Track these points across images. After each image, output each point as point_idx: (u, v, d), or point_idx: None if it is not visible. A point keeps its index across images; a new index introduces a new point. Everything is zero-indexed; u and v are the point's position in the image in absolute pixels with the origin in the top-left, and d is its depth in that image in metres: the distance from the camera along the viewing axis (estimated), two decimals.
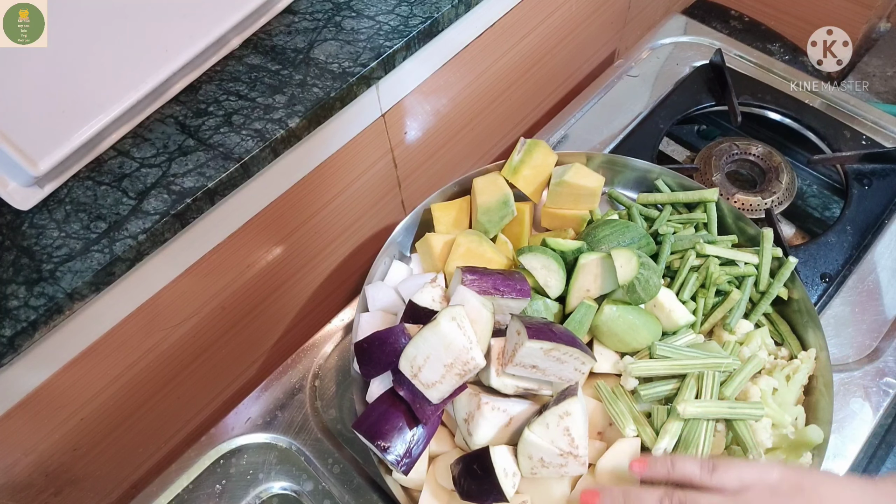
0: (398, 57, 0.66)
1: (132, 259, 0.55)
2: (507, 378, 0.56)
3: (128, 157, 0.59)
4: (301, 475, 0.67)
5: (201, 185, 0.57)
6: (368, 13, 0.68)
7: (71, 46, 0.55)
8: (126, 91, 0.57)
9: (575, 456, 0.51)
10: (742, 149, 0.85)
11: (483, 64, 0.82)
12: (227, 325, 0.72)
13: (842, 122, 0.87)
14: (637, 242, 0.66)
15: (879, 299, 0.72)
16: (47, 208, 0.56)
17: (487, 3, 0.74)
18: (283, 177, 0.66)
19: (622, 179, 0.78)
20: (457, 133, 0.87)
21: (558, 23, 0.90)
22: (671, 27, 1.00)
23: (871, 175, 0.81)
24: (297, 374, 0.72)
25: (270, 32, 0.67)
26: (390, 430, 0.54)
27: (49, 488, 0.65)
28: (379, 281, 0.69)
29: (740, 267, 0.67)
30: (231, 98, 0.62)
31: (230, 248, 0.65)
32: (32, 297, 0.51)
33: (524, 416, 0.55)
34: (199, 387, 0.75)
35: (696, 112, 0.90)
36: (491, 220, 0.70)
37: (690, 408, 0.54)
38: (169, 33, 0.59)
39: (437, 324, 0.53)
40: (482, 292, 0.57)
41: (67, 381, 0.59)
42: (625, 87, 0.94)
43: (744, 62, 0.95)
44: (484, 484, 0.52)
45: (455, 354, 0.53)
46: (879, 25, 1.23)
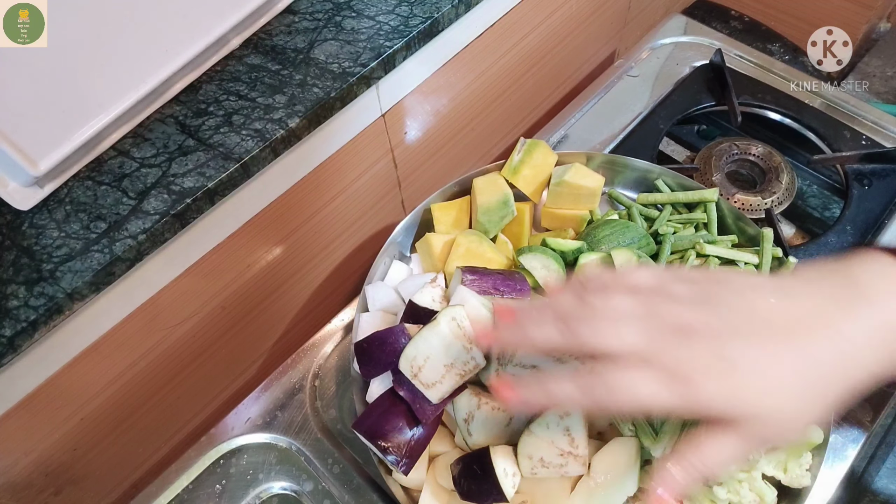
0: (398, 57, 0.66)
1: (132, 259, 0.55)
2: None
3: (128, 157, 0.59)
4: (301, 475, 0.67)
5: (201, 185, 0.57)
6: (368, 13, 0.68)
7: (71, 46, 0.55)
8: (126, 91, 0.57)
9: (575, 456, 0.51)
10: (742, 149, 0.85)
11: (483, 64, 0.82)
12: (227, 325, 0.72)
13: (842, 122, 0.87)
14: (637, 242, 0.66)
15: None
16: (47, 208, 0.57)
17: (487, 3, 0.74)
18: (283, 177, 0.66)
19: (622, 179, 0.78)
20: (457, 133, 0.87)
21: (558, 23, 0.90)
22: (671, 27, 1.00)
23: (871, 175, 0.81)
24: (297, 374, 0.72)
25: (270, 32, 0.67)
26: (390, 430, 0.54)
27: (49, 488, 0.65)
28: (379, 281, 0.69)
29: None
30: (231, 98, 0.62)
31: (230, 248, 0.65)
32: (32, 297, 0.51)
33: (524, 416, 0.55)
34: (199, 387, 0.75)
35: (696, 112, 0.90)
36: (491, 220, 0.70)
37: None
38: (169, 33, 0.59)
39: (436, 324, 0.53)
40: (482, 292, 0.57)
41: (67, 381, 0.59)
42: (625, 87, 0.94)
43: (744, 62, 0.95)
44: (484, 484, 0.52)
45: (455, 354, 0.53)
46: (879, 25, 1.23)
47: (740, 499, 0.54)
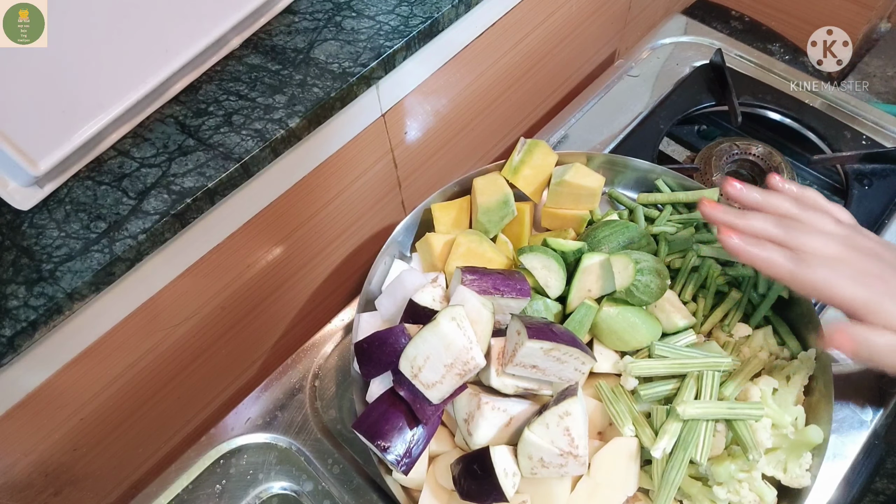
0: (398, 57, 0.66)
1: (132, 259, 0.55)
2: (507, 378, 0.56)
3: (128, 157, 0.59)
4: (301, 475, 0.67)
5: (201, 185, 0.57)
6: (368, 13, 0.68)
7: (71, 46, 0.55)
8: (126, 91, 0.57)
9: (575, 456, 0.51)
10: (742, 149, 0.85)
11: (483, 64, 0.82)
12: (227, 325, 0.72)
13: (842, 123, 0.87)
14: (637, 242, 0.66)
15: None
16: (47, 208, 0.57)
17: (488, 4, 0.74)
18: (283, 177, 0.66)
19: (622, 179, 0.78)
20: (457, 133, 0.87)
21: (559, 23, 0.90)
22: (671, 27, 1.00)
23: (871, 175, 0.81)
24: (297, 374, 0.72)
25: (270, 32, 0.67)
26: (390, 430, 0.54)
27: (49, 488, 0.65)
28: (369, 313, 0.67)
29: (739, 268, 0.67)
30: (231, 98, 0.62)
31: (230, 248, 0.65)
32: (32, 297, 0.51)
33: (524, 416, 0.55)
34: (199, 387, 0.75)
35: (696, 112, 0.90)
36: (491, 220, 0.70)
37: (690, 409, 0.54)
38: (169, 33, 0.59)
39: (437, 324, 0.53)
40: (482, 292, 0.57)
41: (67, 381, 0.59)
42: (625, 87, 0.94)
43: (744, 62, 0.95)
44: (484, 484, 0.52)
45: (455, 354, 0.53)
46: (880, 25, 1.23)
47: (740, 499, 0.54)
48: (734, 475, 0.54)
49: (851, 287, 0.50)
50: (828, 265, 0.51)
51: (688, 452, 0.53)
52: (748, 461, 0.54)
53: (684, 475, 0.54)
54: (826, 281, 0.50)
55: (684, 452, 0.53)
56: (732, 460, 0.54)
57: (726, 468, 0.54)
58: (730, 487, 0.54)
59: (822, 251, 0.52)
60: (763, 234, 0.53)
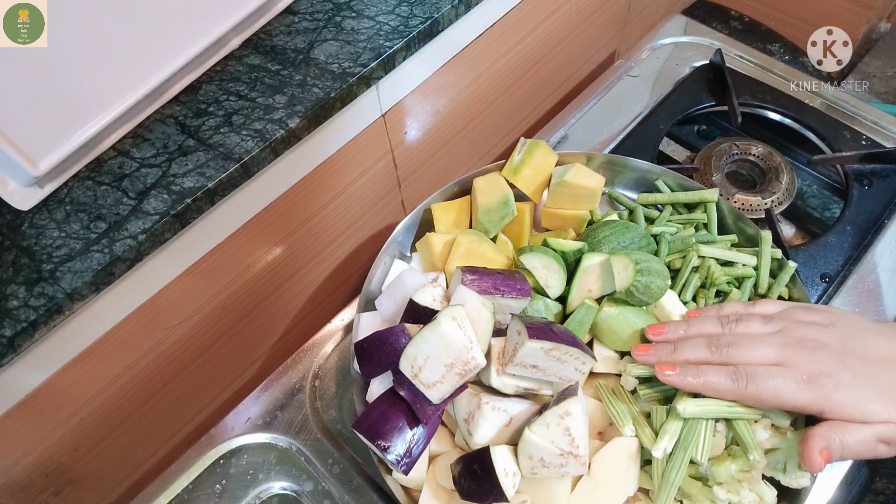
0: (398, 57, 0.66)
1: (132, 259, 0.55)
2: (508, 378, 0.56)
3: (128, 157, 0.59)
4: (301, 475, 0.67)
5: (201, 185, 0.57)
6: (368, 13, 0.68)
7: (71, 46, 0.55)
8: (126, 91, 0.57)
9: (575, 456, 0.51)
10: (742, 149, 0.85)
11: (483, 64, 0.82)
12: (228, 325, 0.72)
13: (842, 123, 0.87)
14: (637, 243, 0.66)
15: (880, 299, 0.72)
16: (47, 208, 0.57)
17: (487, 4, 0.74)
18: (283, 177, 0.66)
19: (622, 180, 0.78)
20: (457, 133, 0.87)
21: (558, 23, 0.90)
22: (671, 27, 1.00)
23: (871, 175, 0.81)
24: (297, 374, 0.72)
25: (270, 32, 0.67)
26: (390, 430, 0.54)
27: (49, 488, 0.65)
28: (369, 312, 0.67)
29: (739, 268, 0.67)
30: (231, 98, 0.62)
31: (230, 248, 0.65)
32: (32, 297, 0.51)
33: (524, 416, 0.55)
34: (199, 387, 0.75)
35: (696, 112, 0.90)
36: (491, 220, 0.70)
37: (691, 407, 0.54)
38: (169, 33, 0.59)
39: (437, 324, 0.53)
40: (482, 292, 0.57)
41: (67, 381, 0.59)
42: (625, 88, 0.94)
43: (744, 62, 0.95)
44: (484, 484, 0.52)
45: (455, 354, 0.53)
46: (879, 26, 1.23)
47: (740, 499, 0.54)
48: (734, 475, 0.54)
49: (800, 393, 0.49)
50: (769, 376, 0.50)
51: (688, 452, 0.53)
52: (748, 461, 0.54)
53: (684, 475, 0.54)
54: (774, 392, 0.50)
55: (684, 452, 0.53)
56: (733, 460, 0.54)
57: (726, 468, 0.54)
58: (730, 487, 0.54)
59: (760, 360, 0.51)
60: (697, 361, 0.53)
